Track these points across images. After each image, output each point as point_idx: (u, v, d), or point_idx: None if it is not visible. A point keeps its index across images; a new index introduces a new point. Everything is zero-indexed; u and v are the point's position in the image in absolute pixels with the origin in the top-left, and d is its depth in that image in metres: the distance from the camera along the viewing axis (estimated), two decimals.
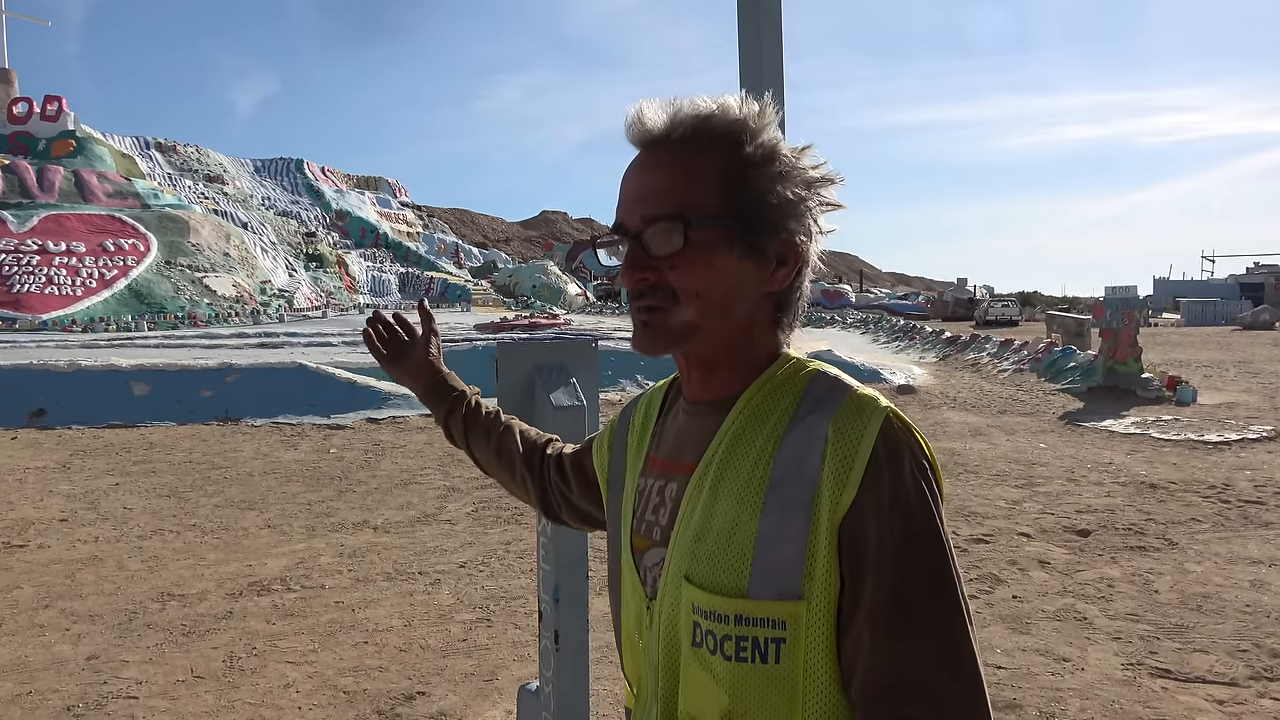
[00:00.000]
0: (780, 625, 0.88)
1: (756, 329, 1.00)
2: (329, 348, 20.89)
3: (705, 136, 0.96)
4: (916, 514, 0.88)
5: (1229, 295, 58.79)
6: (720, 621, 0.90)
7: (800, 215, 0.97)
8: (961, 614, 0.88)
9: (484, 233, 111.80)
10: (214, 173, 57.97)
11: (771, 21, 2.12)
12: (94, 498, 8.31)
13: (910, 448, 0.91)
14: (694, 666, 0.93)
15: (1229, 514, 7.23)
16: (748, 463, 0.94)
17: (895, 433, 0.90)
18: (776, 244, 0.97)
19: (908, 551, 0.87)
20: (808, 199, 0.98)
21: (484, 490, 8.34)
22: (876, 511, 0.87)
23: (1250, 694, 4.03)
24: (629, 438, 1.16)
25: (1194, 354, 23.19)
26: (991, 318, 48.36)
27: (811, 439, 0.91)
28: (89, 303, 32.02)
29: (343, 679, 4.32)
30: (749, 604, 0.89)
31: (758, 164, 0.96)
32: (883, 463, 0.88)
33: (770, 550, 0.89)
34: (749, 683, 0.89)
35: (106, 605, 5.39)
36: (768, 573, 0.89)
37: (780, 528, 0.89)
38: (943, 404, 14.34)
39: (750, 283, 0.97)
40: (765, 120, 0.97)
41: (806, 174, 0.98)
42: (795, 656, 0.88)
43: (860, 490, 0.87)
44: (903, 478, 0.88)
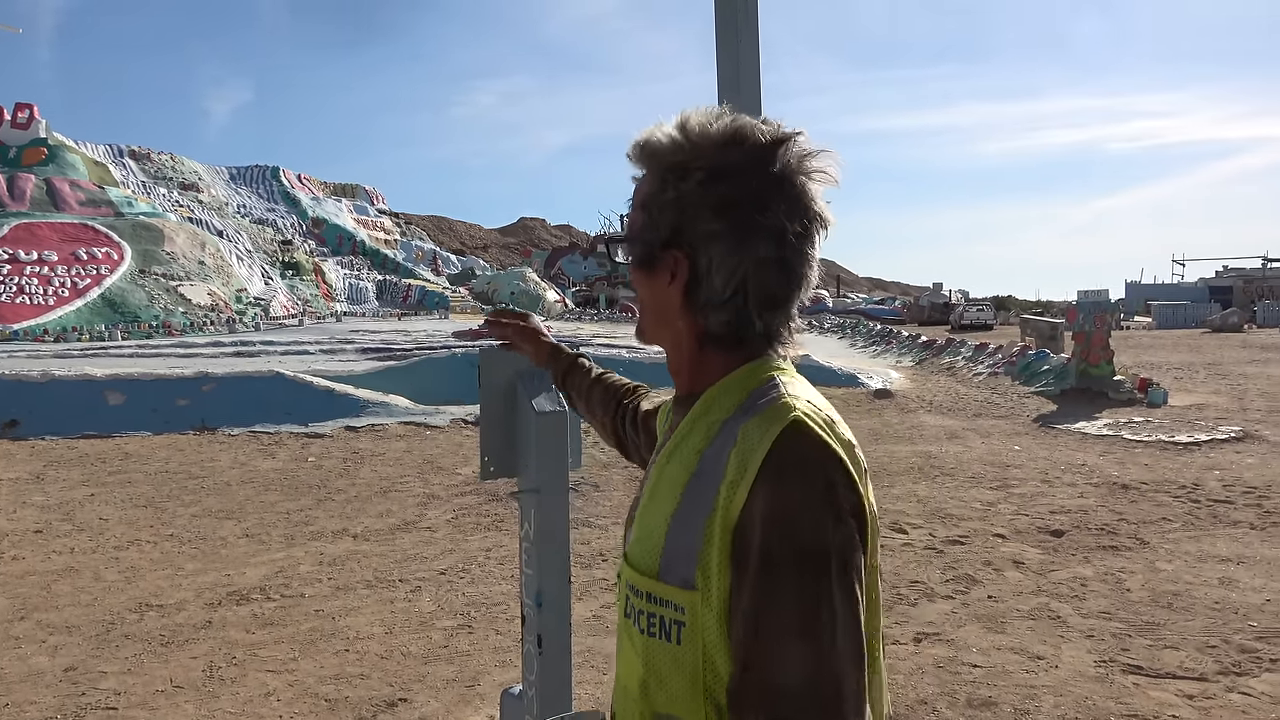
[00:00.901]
0: (680, 610, 0.94)
1: (700, 336, 1.05)
2: (306, 356, 20.78)
3: (646, 162, 1.06)
4: (795, 526, 0.89)
5: (1199, 298, 59.60)
6: (640, 598, 0.98)
7: (675, 225, 1.02)
8: (828, 629, 0.87)
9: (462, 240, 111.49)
10: (189, 180, 57.48)
11: (749, 27, 2.17)
12: (69, 509, 8.23)
13: (807, 460, 0.91)
14: (624, 636, 1.02)
15: (1199, 513, 7.35)
16: (685, 456, 1.00)
17: (792, 440, 0.92)
18: (663, 256, 1.04)
19: (779, 562, 0.88)
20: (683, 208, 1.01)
21: (463, 498, 8.34)
22: (761, 519, 0.89)
23: (1219, 689, 4.12)
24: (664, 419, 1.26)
25: (1165, 356, 23.53)
26: (966, 322, 48.79)
27: (727, 441, 0.96)
28: (61, 312, 31.65)
29: (324, 687, 4.32)
30: (659, 585, 0.96)
31: (649, 181, 1.05)
32: (772, 472, 0.90)
33: (677, 540, 0.96)
34: (658, 658, 0.96)
35: (83, 616, 5.36)
36: (673, 560, 0.95)
37: (687, 520, 0.95)
38: (919, 407, 14.47)
39: (662, 294, 1.06)
40: (666, 137, 1.03)
41: (687, 183, 1.01)
42: (694, 641, 0.93)
43: (750, 496, 0.90)
44: (789, 489, 0.90)
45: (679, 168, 1.01)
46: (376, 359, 19.86)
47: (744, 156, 1.00)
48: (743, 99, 2.12)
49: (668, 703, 0.96)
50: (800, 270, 1.03)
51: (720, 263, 1.00)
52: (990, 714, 3.93)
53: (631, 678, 1.00)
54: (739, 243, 0.99)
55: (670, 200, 1.02)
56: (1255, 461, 9.43)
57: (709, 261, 1.00)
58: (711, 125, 1.01)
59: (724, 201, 0.99)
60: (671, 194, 1.01)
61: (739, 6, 2.15)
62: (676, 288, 1.03)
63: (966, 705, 4.01)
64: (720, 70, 2.18)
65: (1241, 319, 43.11)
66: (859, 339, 31.73)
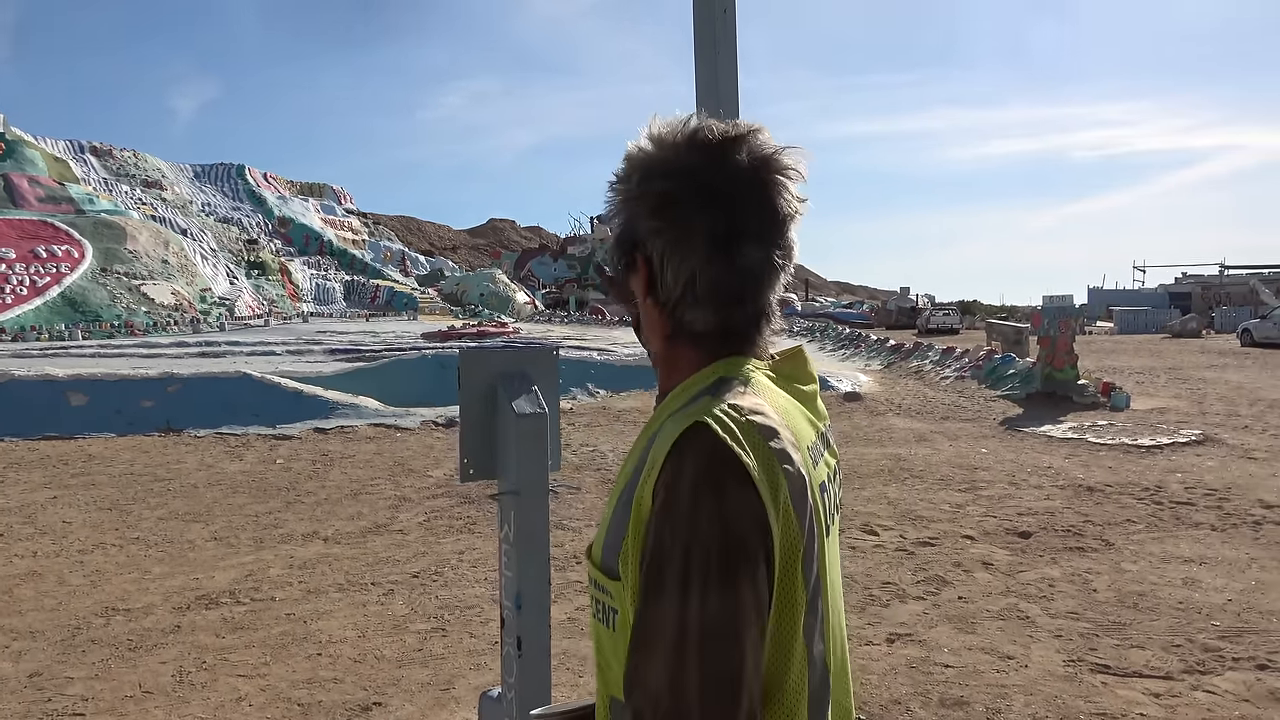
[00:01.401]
0: (613, 596, 0.99)
1: (666, 335, 1.07)
2: (273, 357, 20.54)
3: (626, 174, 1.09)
4: (673, 531, 0.89)
5: (1159, 304, 60.64)
6: (592, 585, 1.04)
7: (633, 229, 1.05)
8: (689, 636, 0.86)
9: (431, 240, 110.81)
10: (152, 178, 56.64)
11: (727, 35, 2.19)
12: (30, 511, 8.07)
13: (697, 464, 0.90)
14: (590, 619, 1.08)
15: (1161, 515, 7.49)
16: (634, 454, 1.03)
17: (690, 444, 0.91)
18: (629, 260, 1.07)
19: (654, 563, 0.89)
20: (630, 209, 1.05)
21: (435, 500, 8.29)
22: (652, 520, 0.91)
23: (1184, 687, 4.21)
24: None
25: (1127, 361, 23.93)
26: (933, 326, 49.30)
27: (652, 443, 0.98)
28: (19, 311, 31.03)
29: (296, 691, 4.27)
30: (600, 574, 1.01)
31: (613, 188, 1.08)
32: (668, 472, 0.91)
33: (610, 534, 1.00)
34: (603, 640, 1.02)
35: (48, 621, 5.26)
36: (609, 552, 1.00)
37: (618, 517, 0.99)
38: (888, 410, 14.60)
39: (637, 294, 1.09)
40: (636, 148, 1.05)
41: (632, 185, 1.05)
42: (625, 627, 0.96)
43: (652, 495, 0.92)
44: (679, 489, 0.89)
45: (634, 173, 1.05)
46: (345, 360, 19.68)
47: (696, 156, 1.01)
48: (721, 106, 2.14)
49: (613, 683, 0.99)
50: (757, 268, 1.01)
51: (667, 260, 1.02)
52: (962, 713, 3.98)
53: (599, 660, 1.06)
54: (680, 240, 1.01)
55: (621, 202, 1.06)
56: (1215, 464, 9.63)
57: (660, 260, 1.03)
58: (667, 131, 1.03)
59: (663, 200, 1.01)
60: (624, 198, 1.06)
61: (717, 15, 2.17)
62: (639, 287, 1.07)
63: (939, 705, 4.06)
64: (699, 78, 2.20)
65: (1200, 325, 43.97)
66: (828, 342, 31.94)
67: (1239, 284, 67.55)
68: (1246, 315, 41.37)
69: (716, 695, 0.85)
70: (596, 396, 15.95)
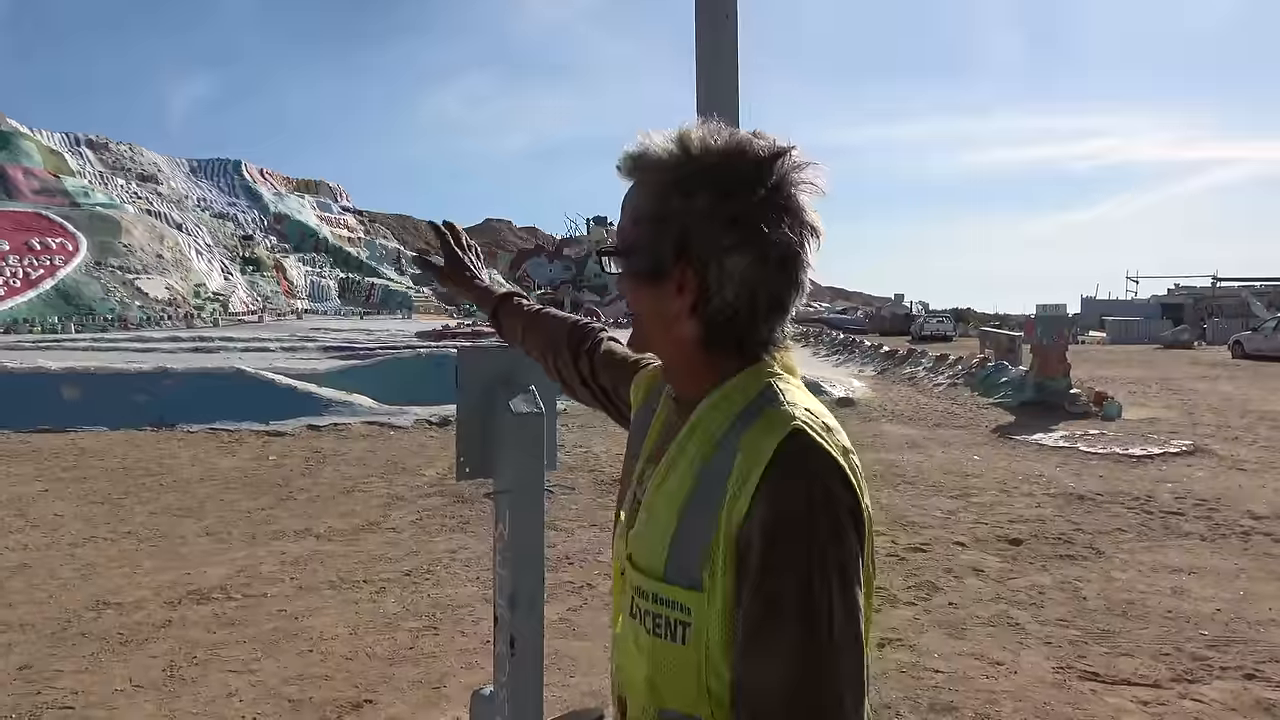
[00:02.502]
0: (686, 610, 0.97)
1: (700, 344, 1.06)
2: (266, 353, 20.52)
3: (642, 174, 1.06)
4: (798, 530, 0.91)
5: (1152, 315, 60.83)
6: (646, 599, 1.01)
7: (683, 239, 1.02)
8: (826, 633, 0.89)
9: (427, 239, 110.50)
10: (148, 172, 56.49)
11: (729, 39, 2.20)
12: (21, 504, 8.05)
13: (810, 465, 0.94)
14: (628, 635, 1.05)
15: (1151, 524, 7.53)
16: (688, 461, 1.03)
17: (795, 449, 0.94)
18: (671, 268, 1.03)
19: (782, 565, 0.91)
20: (692, 222, 1.02)
21: (428, 499, 8.29)
22: (761, 526, 0.92)
23: (1172, 695, 4.23)
24: (658, 411, 1.20)
25: (1119, 371, 24.02)
26: (927, 333, 49.45)
27: (731, 449, 0.98)
28: (12, 303, 30.93)
29: (287, 688, 4.27)
30: (665, 587, 0.99)
31: (648, 195, 1.04)
32: (774, 478, 0.93)
33: (682, 543, 0.99)
34: (663, 657, 1.00)
35: (38, 614, 5.25)
36: (678, 562, 0.98)
37: (693, 525, 0.98)
38: (881, 416, 14.64)
39: (665, 305, 1.05)
40: (665, 151, 1.03)
41: (696, 198, 1.01)
42: (699, 641, 0.96)
43: (752, 504, 0.93)
44: (792, 493, 0.92)
45: (684, 182, 1.02)
46: (339, 358, 19.66)
47: (747, 170, 1.01)
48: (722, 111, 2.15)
49: (672, 698, 0.99)
50: (800, 277, 1.05)
51: (730, 274, 1.01)
52: (952, 718, 4.00)
53: (637, 676, 1.03)
54: (748, 255, 1.01)
55: (676, 213, 1.02)
56: (1205, 474, 9.68)
57: (719, 273, 1.01)
58: (713, 140, 1.02)
59: (733, 216, 1.00)
60: (678, 207, 1.02)
61: (719, 21, 2.19)
62: (685, 299, 1.04)
63: (929, 710, 4.08)
64: (700, 84, 2.21)
65: (1192, 336, 44.16)
66: (822, 348, 32.03)
67: (1231, 296, 67.87)
68: (1238, 327, 41.53)
69: (855, 704, 0.91)
70: None
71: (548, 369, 1.65)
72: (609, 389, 1.45)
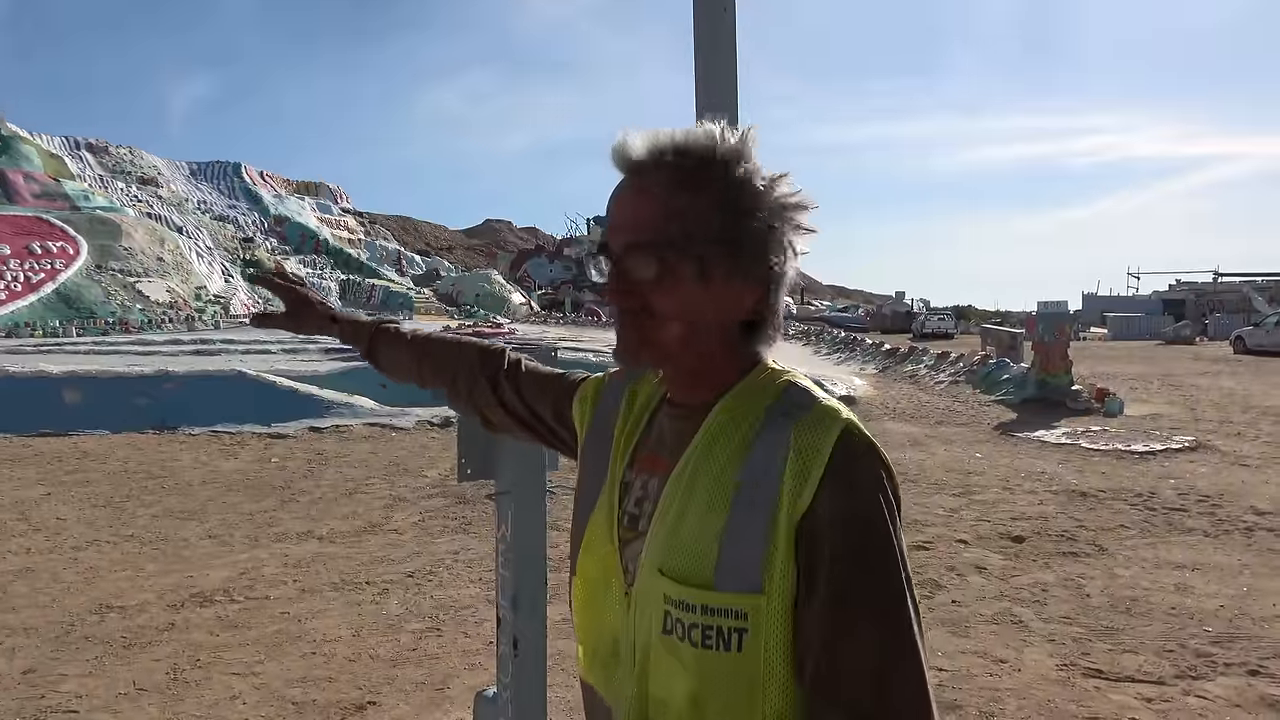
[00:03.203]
0: (742, 616, 0.95)
1: (735, 344, 1.06)
2: (268, 355, 20.53)
3: (685, 166, 1.00)
4: (868, 520, 0.94)
5: (1153, 311, 60.81)
6: (689, 611, 0.97)
7: (772, 242, 1.02)
8: (908, 617, 0.93)
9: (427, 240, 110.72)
10: (148, 175, 56.54)
11: (726, 33, 2.20)
12: (24, 508, 8.06)
13: (866, 458, 0.97)
14: (663, 652, 1.00)
15: (1154, 521, 7.52)
16: (719, 465, 1.01)
17: (852, 443, 0.97)
18: (749, 269, 1.02)
19: (858, 555, 0.93)
20: (780, 226, 1.02)
21: (430, 500, 8.29)
22: (830, 516, 0.93)
23: (1176, 692, 4.23)
24: (619, 419, 1.18)
25: (1121, 367, 24.00)
26: (928, 330, 49.43)
27: (776, 445, 0.98)
28: (14, 307, 30.96)
29: (291, 690, 4.27)
30: (715, 595, 0.96)
31: (733, 194, 1.00)
32: (838, 471, 0.95)
33: (734, 547, 0.96)
34: (714, 669, 0.96)
35: (41, 618, 5.25)
36: (732, 567, 0.96)
37: (744, 527, 0.96)
38: (883, 414, 14.63)
39: (725, 305, 1.02)
40: (741, 150, 1.01)
41: (779, 202, 1.02)
42: (756, 645, 0.95)
43: (816, 496, 0.94)
44: (857, 485, 0.95)
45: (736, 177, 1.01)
46: (340, 359, 19.65)
47: (758, 171, 1.02)
48: (720, 107, 2.14)
49: (720, 713, 0.97)
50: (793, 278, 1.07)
51: (783, 274, 1.04)
52: (955, 717, 3.99)
53: (676, 693, 0.99)
54: (793, 255, 1.04)
55: (747, 211, 1.01)
56: (1208, 470, 9.67)
57: (779, 273, 1.03)
58: (728, 138, 1.01)
59: (778, 208, 1.02)
60: (745, 200, 1.01)
61: (717, 15, 2.18)
62: (748, 299, 1.03)
63: None
64: (698, 79, 2.21)
65: (1193, 332, 44.11)
66: (823, 346, 32.01)
67: (1232, 291, 67.85)
68: (1240, 322, 41.55)
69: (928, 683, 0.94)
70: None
71: (455, 398, 1.49)
72: (538, 412, 1.37)
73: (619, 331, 1.05)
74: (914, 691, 0.92)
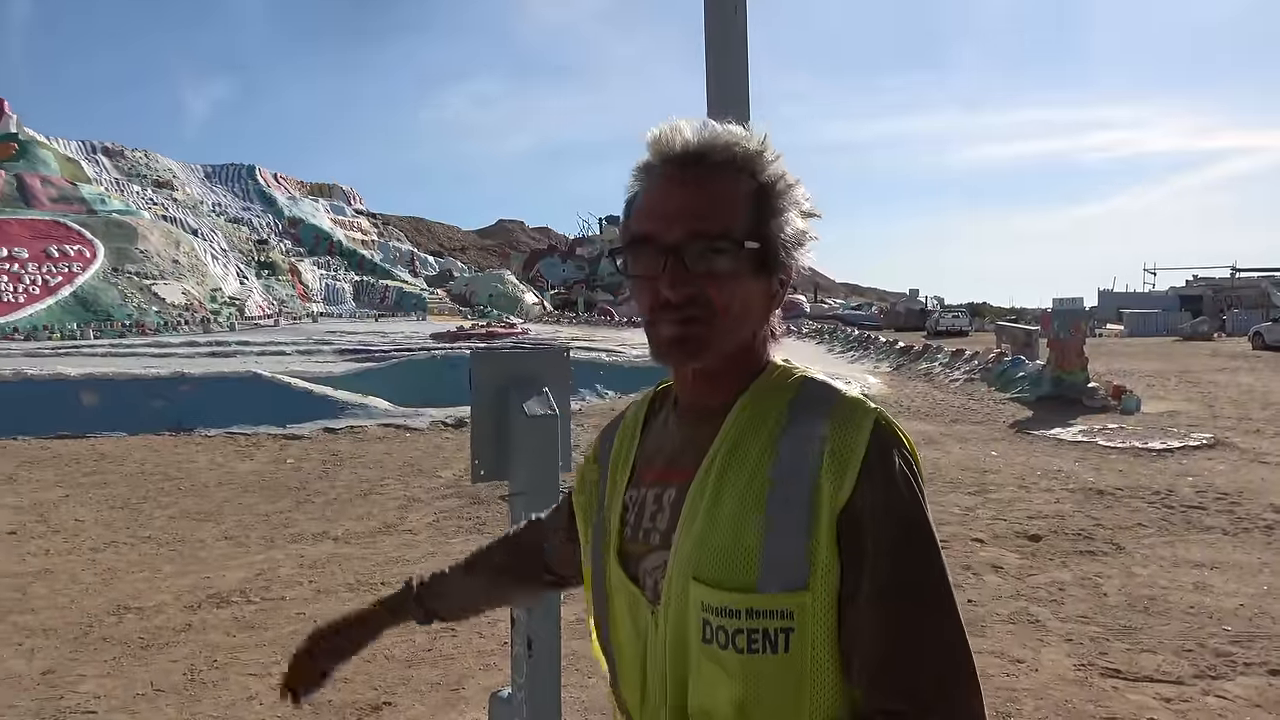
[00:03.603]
0: (789, 615, 0.94)
1: (761, 342, 1.08)
2: (283, 357, 20.63)
3: (736, 162, 1.01)
4: (907, 507, 0.96)
5: (1170, 307, 60.34)
6: (731, 617, 0.95)
7: (803, 243, 1.05)
8: (951, 601, 0.96)
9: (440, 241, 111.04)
10: (163, 178, 56.95)
11: (737, 32, 2.19)
12: (43, 510, 8.13)
13: (898, 448, 0.98)
14: (704, 662, 0.98)
15: (1172, 519, 7.46)
16: (748, 465, 0.99)
17: (884, 435, 0.98)
18: (784, 267, 1.04)
19: (900, 541, 0.94)
20: (808, 230, 1.06)
21: (445, 500, 8.31)
22: (871, 506, 0.94)
23: (1195, 692, 4.19)
24: (611, 463, 1.18)
25: (1137, 364, 23.82)
26: (943, 328, 49.20)
27: (807, 440, 0.98)
28: (32, 310, 31.23)
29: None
30: (759, 598, 0.95)
31: (780, 194, 1.03)
32: (875, 461, 0.96)
33: (776, 546, 0.95)
34: (762, 672, 0.95)
35: (60, 619, 5.29)
36: (774, 567, 0.95)
37: (784, 524, 0.95)
38: (898, 413, 14.57)
39: (763, 301, 1.05)
40: (778, 154, 1.04)
41: (804, 206, 1.05)
42: (803, 643, 0.94)
43: (856, 486, 0.95)
44: (893, 474, 0.96)
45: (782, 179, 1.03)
46: (355, 360, 19.75)
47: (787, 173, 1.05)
48: (731, 105, 2.14)
49: (767, 715, 0.96)
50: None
51: (781, 268, 1.05)
52: None
53: (719, 702, 0.97)
54: (794, 252, 1.05)
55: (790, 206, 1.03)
56: (1226, 468, 9.58)
57: (775, 267, 1.04)
58: (764, 135, 1.04)
59: (806, 213, 1.06)
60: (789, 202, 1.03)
61: (728, 15, 2.17)
62: (782, 295, 1.07)
63: None
64: (710, 78, 2.20)
65: (1211, 328, 43.75)
66: (837, 344, 31.93)
67: (1251, 287, 67.22)
68: (1259, 318, 41.14)
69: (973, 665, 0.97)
70: (605, 398, 15.95)
71: (533, 597, 1.49)
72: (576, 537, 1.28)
73: (666, 330, 1.01)
74: (966, 676, 0.94)
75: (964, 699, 0.94)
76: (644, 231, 1.01)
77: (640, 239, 1.02)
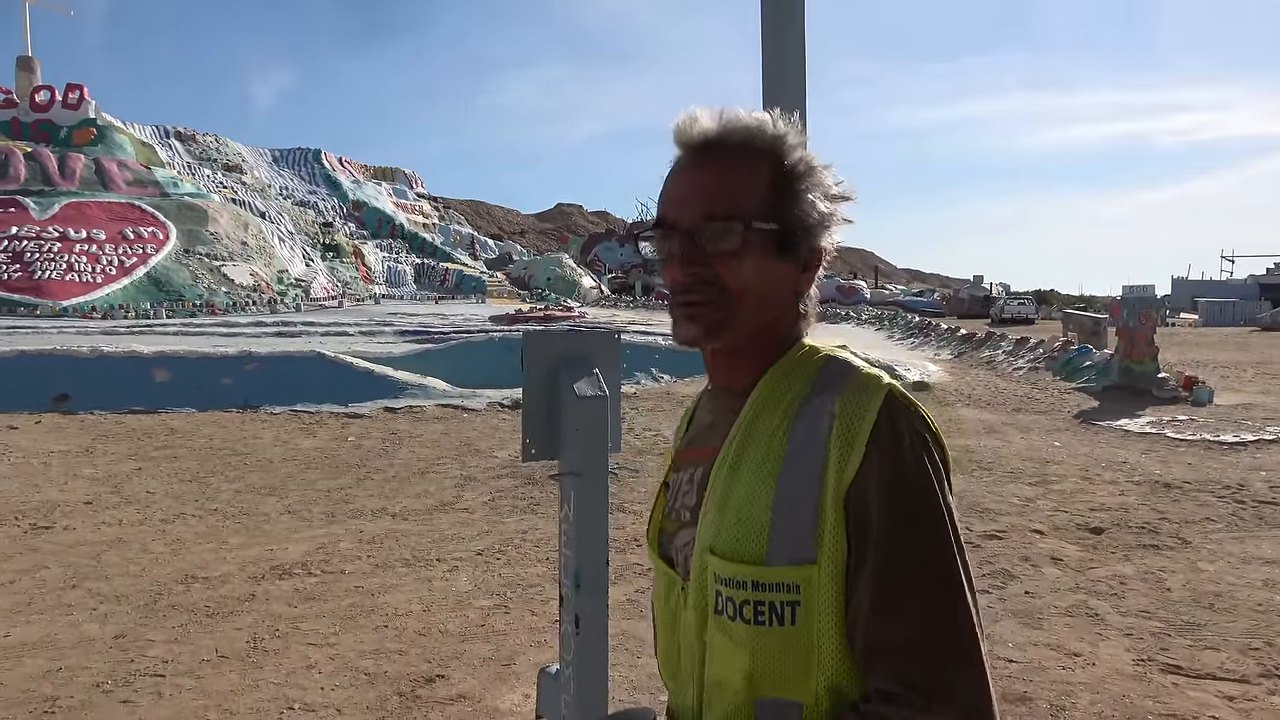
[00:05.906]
0: (794, 589, 0.95)
1: (786, 323, 1.08)
2: (346, 337, 21.05)
3: (754, 146, 1.03)
4: (915, 484, 0.95)
5: (1248, 295, 58.15)
6: (740, 588, 0.97)
7: (829, 225, 1.06)
8: (959, 580, 0.93)
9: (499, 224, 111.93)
10: (232, 162, 58.30)
11: (795, 25, 2.17)
12: (117, 482, 8.44)
13: (910, 422, 0.98)
14: (717, 633, 1.00)
15: (1243, 514, 7.23)
16: (764, 440, 1.01)
17: (896, 408, 0.98)
18: (808, 250, 1.06)
19: (906, 519, 0.93)
20: (834, 212, 1.06)
21: (500, 480, 8.43)
22: (879, 481, 0.94)
23: (1261, 691, 4.07)
24: (668, 451, 1.24)
25: (1211, 354, 23.04)
26: (1008, 315, 48.09)
27: (820, 415, 0.98)
28: (109, 290, 32.30)
29: (363, 661, 4.40)
30: (766, 570, 0.96)
31: (800, 177, 1.04)
32: (884, 436, 0.95)
33: (784, 519, 0.96)
34: (769, 644, 0.96)
35: (132, 586, 5.51)
36: (782, 540, 0.96)
37: (793, 498, 0.96)
38: (957, 401, 14.33)
39: (786, 283, 1.06)
40: (801, 138, 1.06)
41: (833, 189, 1.06)
42: (810, 617, 0.95)
43: (864, 461, 0.94)
44: (902, 449, 0.95)
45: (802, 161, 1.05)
46: (415, 341, 20.07)
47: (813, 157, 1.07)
48: (788, 90, 2.12)
49: (774, 686, 0.97)
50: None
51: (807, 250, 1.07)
52: (1026, 709, 3.91)
53: (731, 672, 0.99)
54: (821, 235, 1.07)
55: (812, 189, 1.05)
56: None
57: (800, 249, 1.06)
58: (786, 121, 1.05)
59: (833, 196, 1.07)
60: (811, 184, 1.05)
61: (786, 6, 2.15)
62: (808, 278, 1.08)
63: (1002, 700, 3.99)
64: (766, 63, 2.18)
65: None
66: (896, 331, 31.44)
67: None
68: None
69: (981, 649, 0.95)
70: (661, 381, 15.97)
71: None
72: None
73: (680, 310, 1.04)
74: (970, 660, 0.92)
75: (966, 684, 0.91)
76: (662, 216, 1.05)
77: (660, 223, 1.05)
